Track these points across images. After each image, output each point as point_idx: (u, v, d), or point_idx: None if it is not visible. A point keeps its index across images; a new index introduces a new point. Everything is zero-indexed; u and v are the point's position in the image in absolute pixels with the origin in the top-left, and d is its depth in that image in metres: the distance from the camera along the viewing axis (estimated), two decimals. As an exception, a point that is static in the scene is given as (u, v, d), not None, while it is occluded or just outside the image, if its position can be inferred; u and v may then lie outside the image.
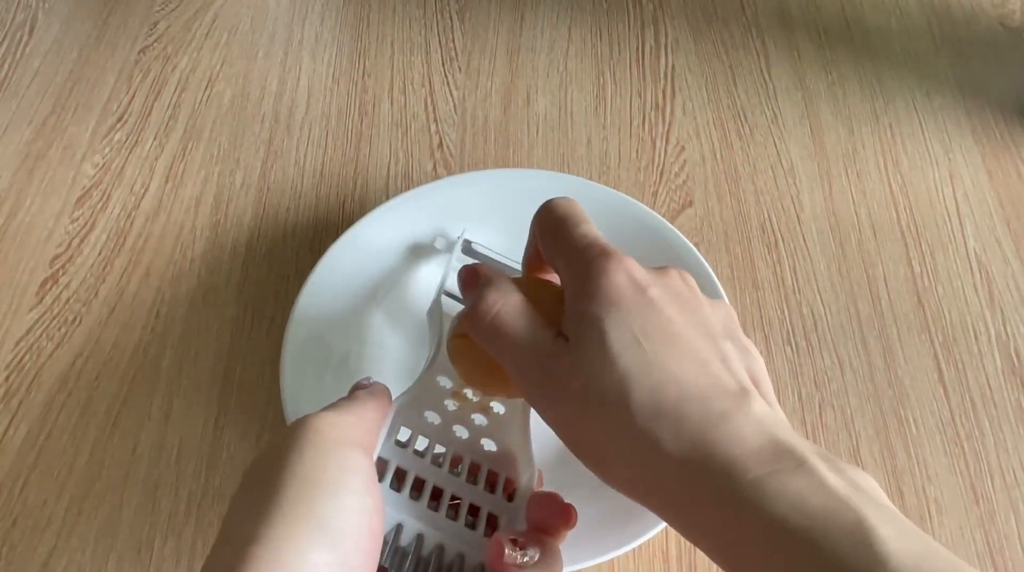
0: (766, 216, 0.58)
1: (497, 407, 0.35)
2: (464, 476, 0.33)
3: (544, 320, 0.30)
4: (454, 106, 0.64)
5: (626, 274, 0.28)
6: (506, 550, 0.28)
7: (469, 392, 0.35)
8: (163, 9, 0.70)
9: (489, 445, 0.34)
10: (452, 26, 0.69)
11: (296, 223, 0.57)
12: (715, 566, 0.44)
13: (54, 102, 0.64)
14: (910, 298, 0.54)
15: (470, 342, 0.33)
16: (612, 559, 0.44)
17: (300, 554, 0.24)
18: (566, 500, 0.32)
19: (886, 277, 0.55)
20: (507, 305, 0.30)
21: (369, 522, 0.26)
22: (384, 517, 0.29)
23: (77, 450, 0.48)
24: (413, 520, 0.31)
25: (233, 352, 0.51)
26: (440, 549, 0.30)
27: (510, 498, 0.33)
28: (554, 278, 0.34)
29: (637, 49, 0.68)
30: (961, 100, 0.64)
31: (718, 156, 0.61)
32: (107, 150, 0.61)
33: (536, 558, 0.29)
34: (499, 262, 0.48)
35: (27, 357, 0.51)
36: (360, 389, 0.33)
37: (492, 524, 0.32)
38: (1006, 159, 0.61)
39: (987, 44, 0.68)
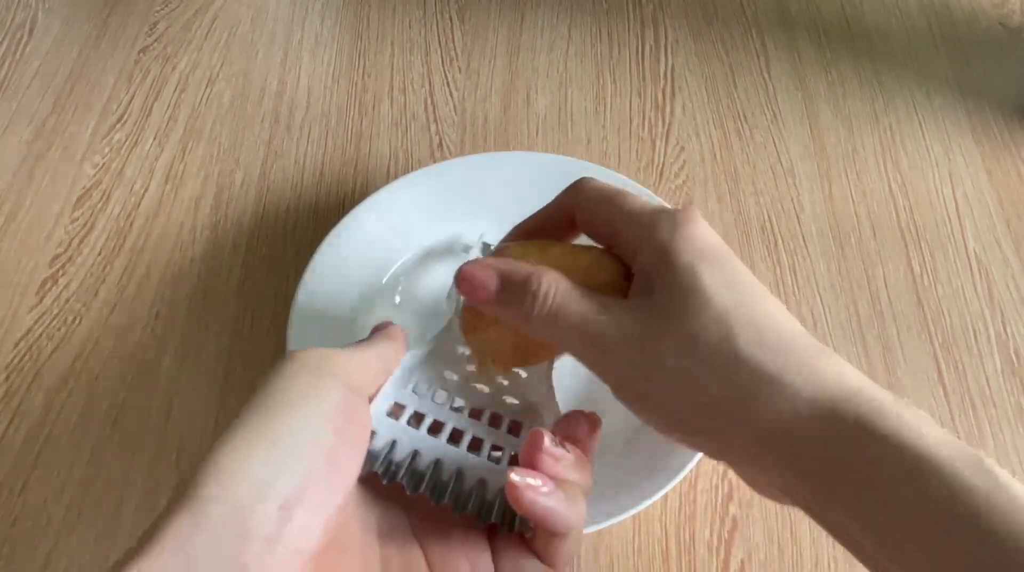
0: (766, 216, 0.58)
1: (521, 372, 0.35)
2: (486, 422, 0.33)
3: (602, 292, 0.30)
4: (454, 106, 0.64)
5: (706, 226, 0.29)
6: (546, 440, 0.28)
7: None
8: (163, 9, 0.70)
9: (511, 400, 0.34)
10: (452, 26, 0.69)
11: (296, 223, 0.57)
12: (714, 565, 0.44)
13: (54, 102, 0.64)
14: (910, 298, 0.54)
15: (485, 331, 0.32)
16: (613, 556, 0.44)
17: (245, 471, 0.23)
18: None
19: (886, 277, 0.55)
20: (558, 287, 0.30)
21: (328, 451, 0.25)
22: (393, 449, 0.29)
23: (77, 450, 0.48)
24: (429, 449, 0.30)
25: (233, 352, 0.51)
26: (459, 474, 0.30)
27: None
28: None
29: (637, 49, 0.68)
30: (961, 100, 0.64)
31: (718, 156, 0.61)
32: (107, 150, 0.61)
33: (572, 459, 0.29)
34: None
35: (27, 357, 0.51)
36: (377, 331, 0.32)
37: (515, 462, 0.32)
38: (1006, 159, 0.61)
39: (987, 44, 0.68)
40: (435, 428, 0.31)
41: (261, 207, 0.58)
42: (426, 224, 0.53)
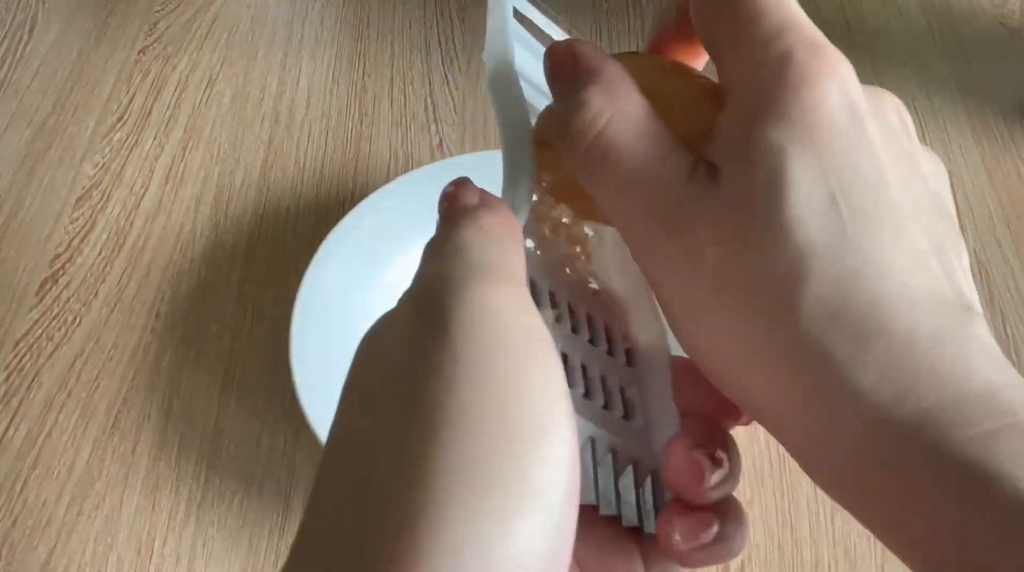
0: (766, 216, 0.58)
1: (588, 230, 0.25)
2: (584, 334, 0.23)
3: (677, 140, 0.19)
4: (454, 106, 0.64)
5: (843, 91, 0.18)
6: (707, 474, 0.20)
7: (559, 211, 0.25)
8: (163, 9, 0.70)
9: (592, 284, 0.25)
10: (452, 26, 0.69)
11: (296, 223, 0.57)
12: (716, 567, 0.44)
13: (54, 102, 0.64)
14: (910, 298, 0.54)
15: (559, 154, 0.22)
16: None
17: (505, 533, 0.15)
18: None
19: (886, 277, 0.55)
20: (620, 116, 0.19)
21: (575, 468, 0.17)
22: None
23: (77, 450, 0.48)
24: (587, 422, 0.21)
25: (233, 352, 0.51)
26: (614, 456, 0.22)
27: (629, 362, 0.24)
28: (696, 63, 0.24)
29: (637, 50, 0.68)
30: (961, 100, 0.64)
31: (718, 156, 0.61)
32: (107, 150, 0.61)
33: (728, 465, 0.20)
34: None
35: (27, 357, 0.51)
36: (474, 205, 0.21)
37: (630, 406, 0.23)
38: (1006, 159, 0.61)
39: (987, 44, 0.68)
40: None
41: (261, 207, 0.58)
42: (427, 223, 0.53)
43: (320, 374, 0.46)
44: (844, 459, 0.18)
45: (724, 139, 0.19)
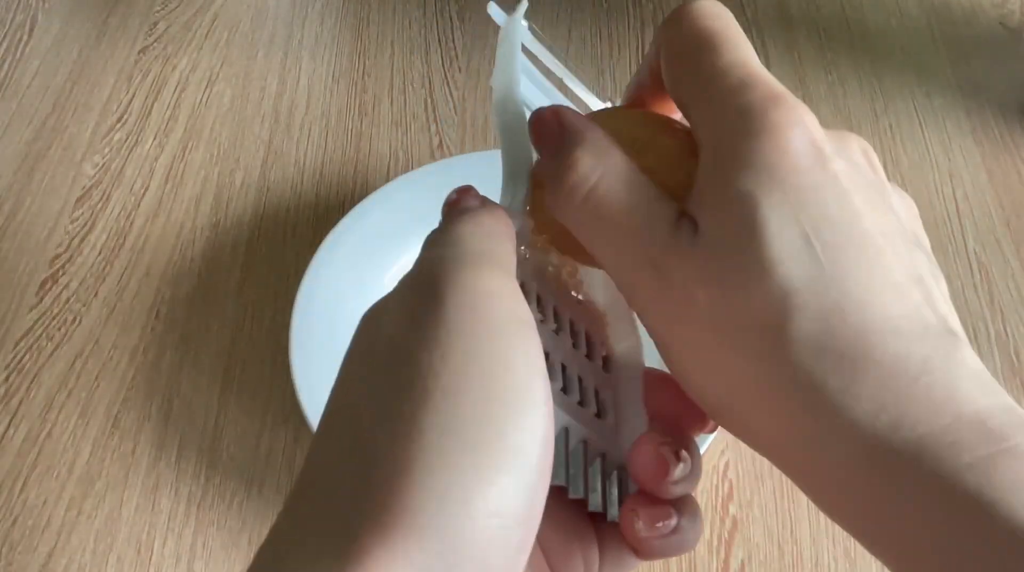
0: (766, 216, 0.58)
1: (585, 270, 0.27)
2: (567, 337, 0.25)
3: (661, 192, 0.21)
4: (454, 106, 0.64)
5: (805, 135, 0.19)
6: (671, 468, 0.21)
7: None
8: (163, 9, 0.70)
9: (578, 296, 0.27)
10: (452, 26, 0.69)
11: (296, 223, 0.57)
12: (713, 565, 0.44)
13: (54, 102, 0.64)
14: (910, 298, 0.54)
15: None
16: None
17: (484, 489, 0.17)
18: None
19: (886, 277, 0.55)
20: (608, 174, 0.21)
21: (549, 438, 0.19)
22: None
23: (77, 450, 0.48)
24: (562, 413, 0.23)
25: (233, 352, 0.51)
26: (585, 446, 0.23)
27: (605, 367, 0.26)
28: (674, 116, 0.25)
29: (637, 49, 0.68)
30: (961, 100, 0.64)
31: (718, 156, 0.61)
32: (107, 150, 0.61)
33: (691, 465, 0.22)
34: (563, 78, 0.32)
35: (27, 357, 0.51)
36: (475, 206, 0.23)
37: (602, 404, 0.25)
38: (1006, 159, 0.61)
39: (987, 44, 0.68)
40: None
41: (261, 207, 0.58)
42: (427, 223, 0.53)
43: (320, 374, 0.46)
44: (841, 484, 0.18)
45: (699, 192, 0.20)
